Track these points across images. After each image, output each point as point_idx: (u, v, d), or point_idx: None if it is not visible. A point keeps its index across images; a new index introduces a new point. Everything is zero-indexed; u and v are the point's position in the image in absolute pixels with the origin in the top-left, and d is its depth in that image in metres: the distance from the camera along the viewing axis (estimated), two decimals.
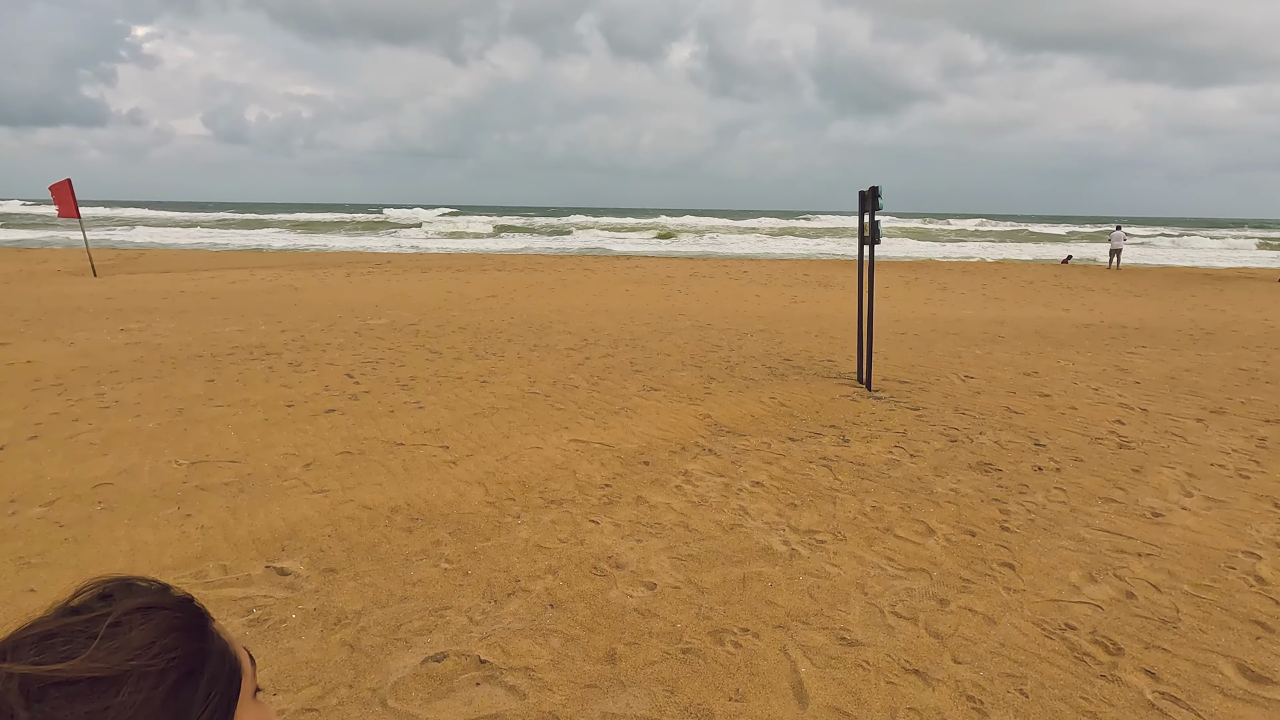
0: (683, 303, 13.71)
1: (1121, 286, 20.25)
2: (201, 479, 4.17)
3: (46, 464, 4.38)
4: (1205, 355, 8.87)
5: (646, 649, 2.63)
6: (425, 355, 8.01)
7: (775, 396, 6.39)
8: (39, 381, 6.47)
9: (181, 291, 15.23)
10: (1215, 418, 5.91)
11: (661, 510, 3.86)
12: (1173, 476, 4.50)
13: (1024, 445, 5.12)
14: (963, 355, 8.59)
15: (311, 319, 10.66)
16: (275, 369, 7.14)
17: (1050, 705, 2.35)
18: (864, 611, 2.90)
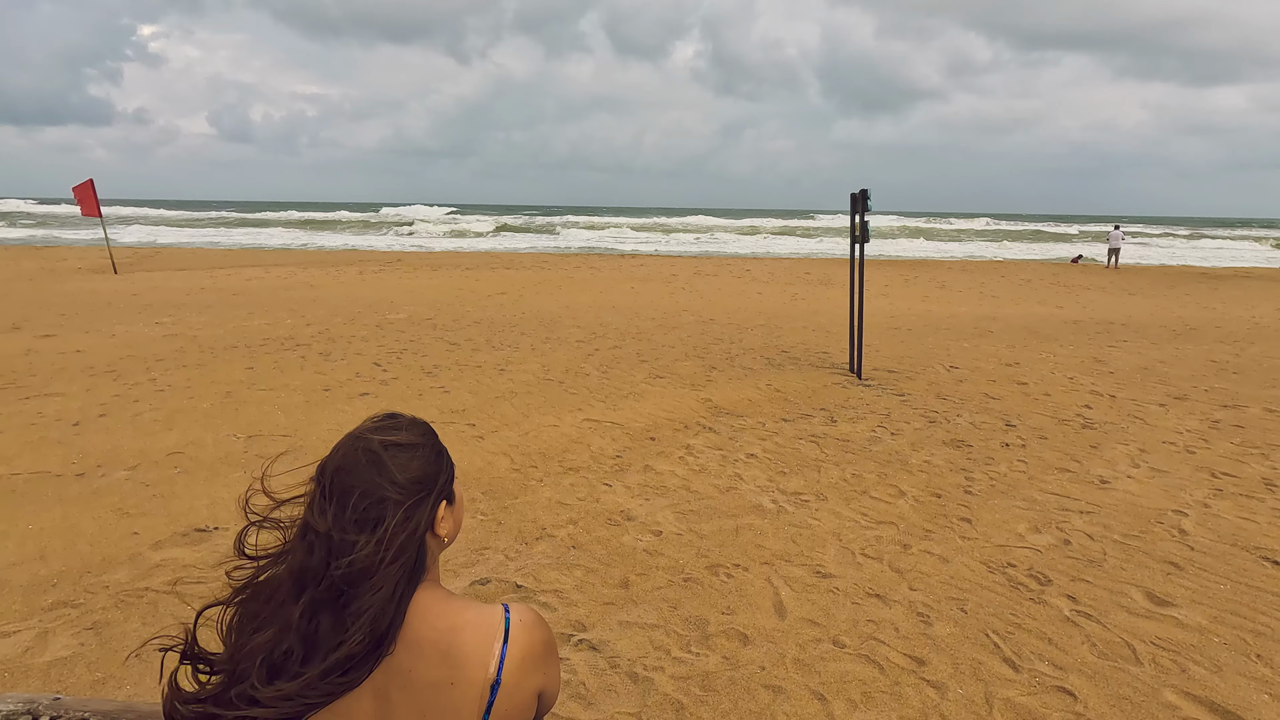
0: (686, 300, 14.23)
1: (1118, 285, 20.67)
2: (259, 449, 4.72)
3: (120, 436, 4.93)
4: (1182, 349, 9.36)
5: (654, 578, 3.16)
6: (445, 346, 8.55)
7: (771, 384, 6.91)
8: (93, 369, 7.03)
9: (202, 288, 15.78)
10: (1177, 403, 6.41)
11: (666, 476, 4.39)
12: (1125, 452, 5.01)
13: (996, 425, 5.63)
14: (950, 348, 9.10)
15: (333, 314, 11.21)
16: (307, 358, 7.69)
17: (984, 619, 2.87)
18: (838, 553, 3.43)
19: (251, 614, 1.00)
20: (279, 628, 0.96)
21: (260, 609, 0.99)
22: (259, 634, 0.97)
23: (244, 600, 1.02)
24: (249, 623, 0.99)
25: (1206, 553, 3.47)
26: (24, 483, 4.09)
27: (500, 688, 1.00)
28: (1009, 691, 2.43)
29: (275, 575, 1.02)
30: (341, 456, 1.03)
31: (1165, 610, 2.96)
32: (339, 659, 0.93)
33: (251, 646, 0.96)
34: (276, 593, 1.00)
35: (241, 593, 1.03)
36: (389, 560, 0.96)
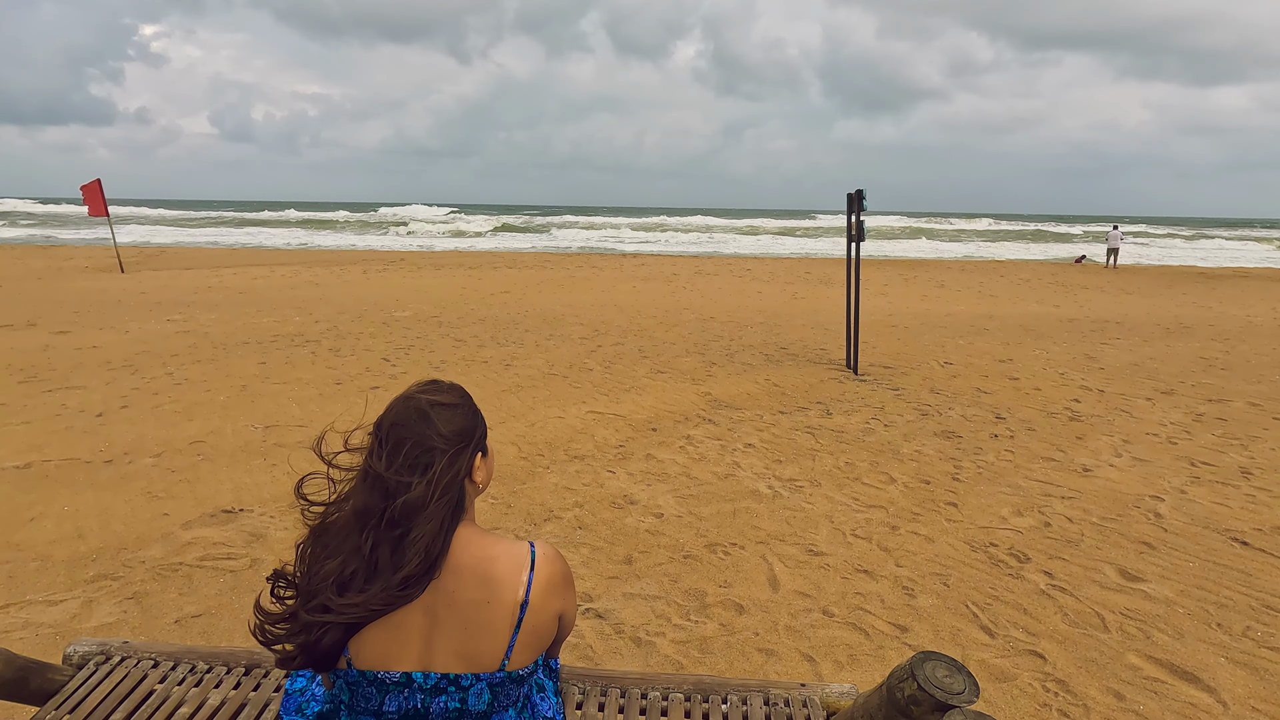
0: (687, 298, 14.43)
1: (1116, 285, 20.83)
2: (277, 439, 4.92)
3: (143, 426, 5.13)
4: (1174, 346, 9.54)
5: (655, 555, 3.36)
6: (451, 343, 8.75)
7: (770, 378, 7.11)
8: (110, 363, 7.24)
9: (209, 287, 15.97)
10: (1164, 397, 6.60)
11: (667, 464, 4.59)
12: (1109, 443, 5.20)
13: (986, 418, 5.82)
14: (946, 345, 9.29)
15: (339, 311, 11.41)
16: (317, 354, 7.89)
17: (965, 592, 3.07)
18: (829, 533, 3.62)
19: (322, 546, 1.20)
20: (346, 554, 1.16)
21: (330, 541, 1.19)
22: (330, 560, 1.16)
23: (316, 537, 1.22)
24: (321, 552, 1.19)
25: (1179, 534, 3.66)
26: (55, 469, 4.29)
27: (528, 607, 1.20)
28: (984, 654, 2.63)
29: (340, 516, 1.22)
30: (395, 414, 1.23)
31: (1135, 585, 3.15)
32: (400, 578, 1.12)
33: (324, 570, 1.16)
34: (342, 529, 1.19)
35: (315, 531, 1.22)
36: (437, 497, 1.16)
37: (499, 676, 1.20)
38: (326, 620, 1.12)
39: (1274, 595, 3.07)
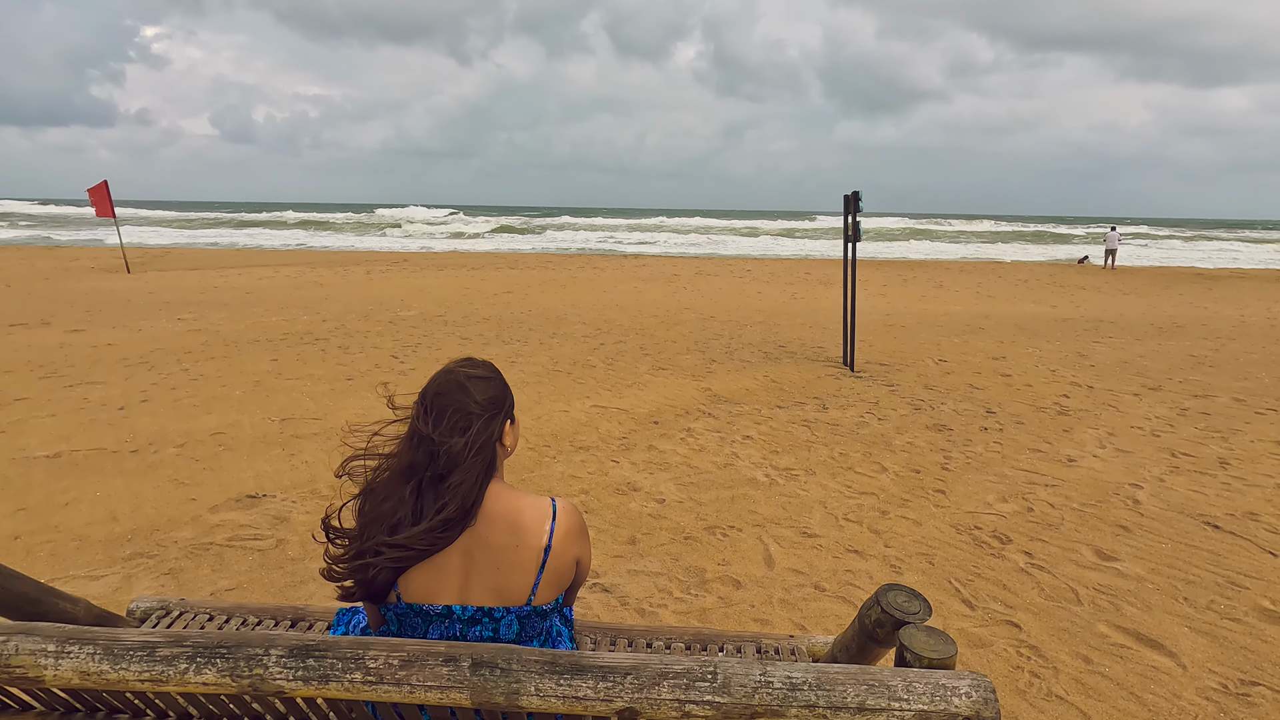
0: (688, 298, 14.63)
1: (1113, 285, 21.02)
2: (294, 431, 5.12)
3: (164, 419, 5.33)
4: (1165, 344, 9.73)
5: (658, 536, 3.55)
6: (457, 341, 8.95)
7: (768, 375, 7.30)
8: (127, 360, 7.44)
9: (215, 287, 16.16)
10: (1150, 393, 6.79)
11: (669, 454, 4.79)
12: (1095, 435, 5.40)
13: (977, 412, 6.02)
14: (941, 344, 9.48)
15: (346, 311, 11.61)
16: (327, 351, 8.09)
17: (948, 570, 3.26)
18: (822, 517, 3.82)
19: (373, 500, 1.39)
20: (395, 502, 1.36)
21: (379, 495, 1.39)
22: (382, 507, 1.36)
23: (366, 494, 1.41)
24: (372, 505, 1.39)
25: (1155, 519, 3.86)
26: (84, 458, 4.49)
27: (550, 551, 1.39)
28: (964, 624, 2.82)
29: (387, 475, 1.42)
30: (438, 385, 1.43)
31: (1109, 563, 3.34)
32: (440, 520, 1.32)
33: (377, 515, 1.36)
34: (389, 484, 1.39)
35: (365, 490, 1.42)
36: (473, 454, 1.36)
37: (526, 610, 1.39)
38: (380, 560, 1.32)
39: (1240, 573, 3.26)
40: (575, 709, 1.01)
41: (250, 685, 1.03)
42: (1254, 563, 3.37)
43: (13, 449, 4.61)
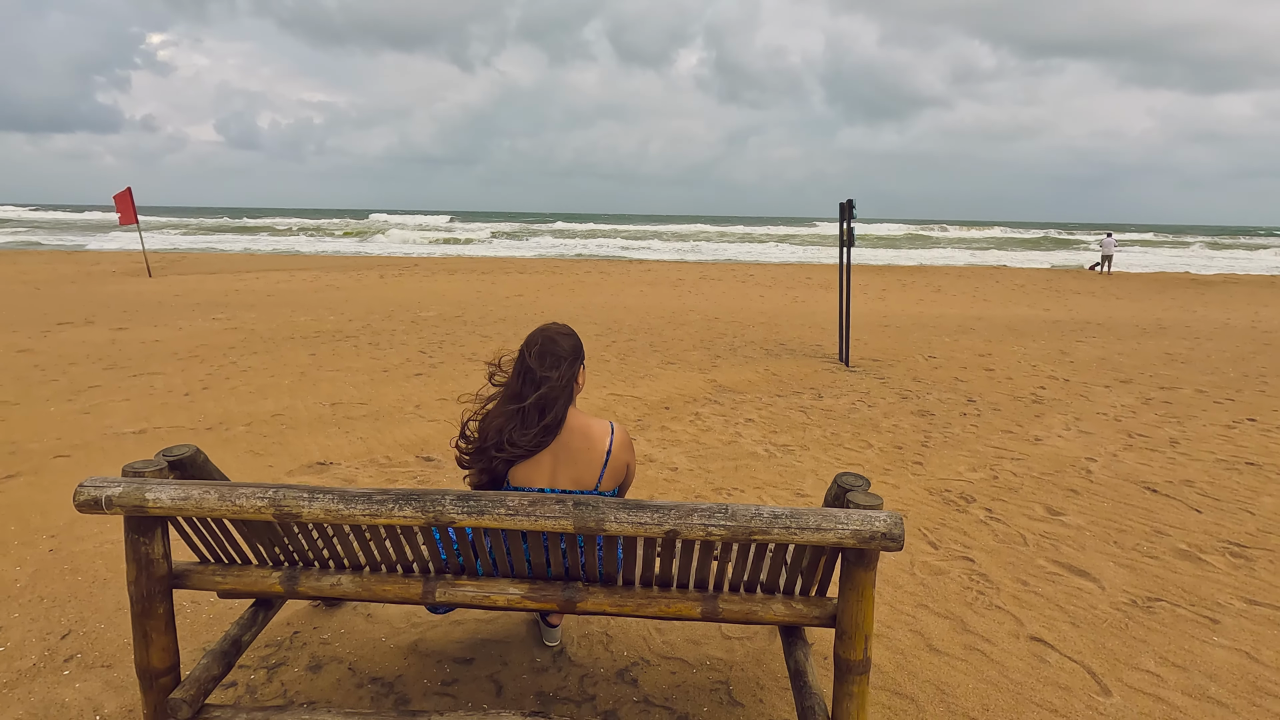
0: (693, 301, 15.24)
1: (1108, 290, 21.56)
2: (345, 413, 5.73)
3: (226, 403, 5.95)
4: (1144, 344, 10.31)
5: (671, 496, 4.15)
6: (478, 338, 9.57)
7: (769, 369, 7.90)
8: (176, 354, 8.07)
9: (237, 290, 16.80)
10: (1121, 385, 7.38)
11: (679, 433, 5.39)
12: (1063, 420, 5.99)
13: (959, 401, 6.61)
14: (932, 342, 10.07)
15: (369, 311, 12.24)
16: (359, 347, 8.72)
17: (919, 521, 3.85)
18: (814, 482, 4.41)
19: (490, 419, 2.00)
20: (506, 419, 1.97)
21: (495, 411, 2.00)
22: (497, 422, 1.97)
23: (484, 418, 2.03)
24: (490, 422, 2.00)
25: (1102, 485, 4.45)
26: (166, 434, 5.10)
27: (610, 455, 2.00)
28: (927, 558, 3.41)
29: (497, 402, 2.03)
30: (539, 338, 2.04)
31: (1056, 517, 3.93)
32: (541, 428, 1.93)
33: (495, 426, 1.97)
34: (502, 406, 2.00)
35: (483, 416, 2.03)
36: (562, 386, 1.97)
37: (593, 493, 2.00)
38: (501, 455, 1.93)
39: (1166, 525, 3.85)
40: (638, 531, 1.62)
41: (434, 517, 1.64)
42: (1180, 518, 3.95)
43: (102, 427, 5.23)
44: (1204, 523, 3.89)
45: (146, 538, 1.81)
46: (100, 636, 2.69)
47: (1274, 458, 5.02)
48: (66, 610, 2.86)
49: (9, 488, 4.07)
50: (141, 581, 1.83)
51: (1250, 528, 3.84)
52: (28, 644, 2.64)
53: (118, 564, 3.21)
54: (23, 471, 4.31)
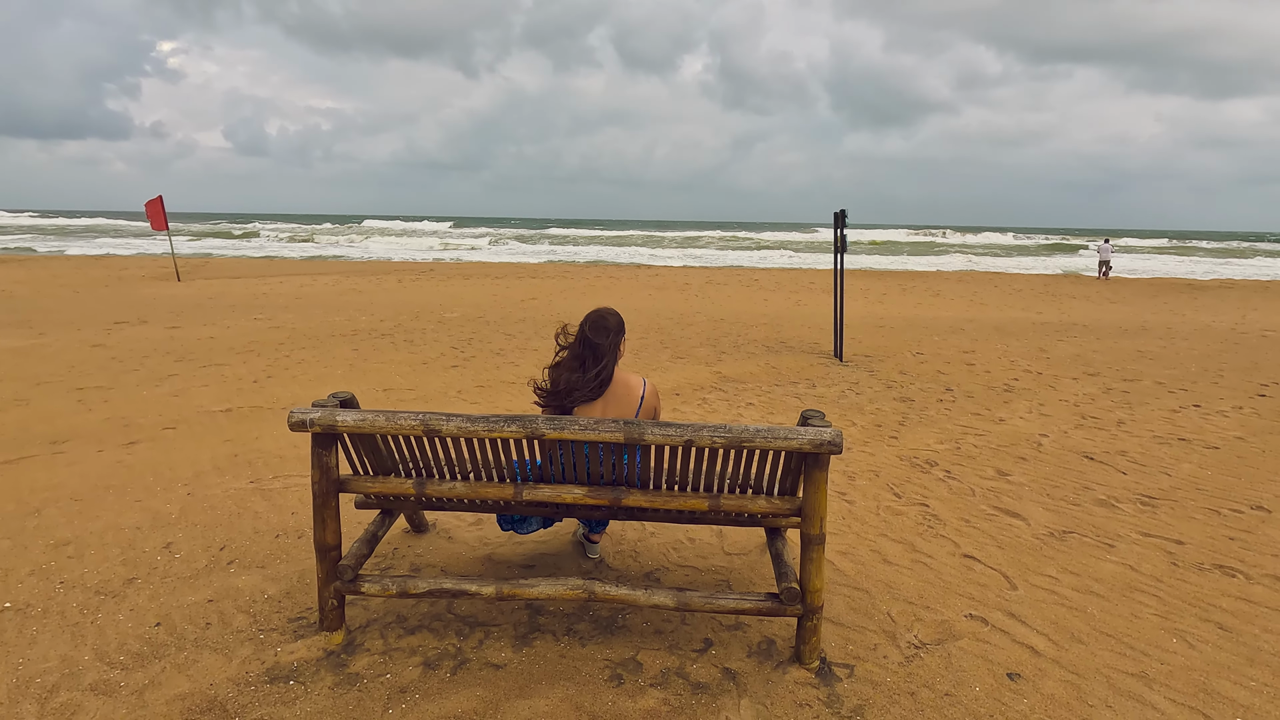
0: (699, 304, 16.06)
1: (1103, 295, 22.25)
2: (397, 397, 6.57)
3: (292, 388, 6.80)
4: (1120, 343, 11.06)
5: None
6: (503, 336, 10.41)
7: (769, 363, 8.71)
8: (233, 349, 8.93)
9: (264, 293, 17.70)
10: (1088, 378, 8.15)
11: (688, 414, 6.20)
12: (1028, 405, 6.77)
13: (938, 390, 7.40)
14: (922, 341, 10.86)
15: (396, 313, 13.11)
16: (396, 344, 9.57)
17: (887, 478, 4.65)
18: None
19: (556, 373, 2.83)
20: (570, 370, 2.80)
21: (564, 366, 2.83)
22: (565, 374, 2.80)
23: (552, 372, 2.85)
24: (557, 375, 2.82)
25: (1048, 454, 5.24)
26: (249, 412, 5.95)
27: (643, 400, 2.83)
28: (890, 504, 4.22)
29: (562, 363, 2.85)
30: (594, 316, 2.87)
31: (1003, 477, 4.73)
32: (596, 379, 2.76)
33: (563, 377, 2.80)
34: (568, 363, 2.83)
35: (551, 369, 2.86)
36: (609, 350, 2.80)
37: None
38: (569, 399, 2.76)
39: (1094, 483, 4.63)
40: (666, 440, 2.43)
41: (530, 432, 2.45)
42: (1107, 478, 4.74)
43: (194, 406, 6.09)
44: (1126, 481, 4.68)
45: (327, 451, 2.64)
46: (248, 549, 3.52)
47: (1204, 435, 5.80)
48: (216, 533, 3.69)
49: (136, 450, 4.92)
50: (322, 482, 2.66)
51: (1164, 485, 4.62)
52: (196, 554, 3.47)
53: (244, 503, 4.05)
54: (142, 440, 5.17)
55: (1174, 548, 3.70)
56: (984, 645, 2.80)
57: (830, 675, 2.60)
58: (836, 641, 2.81)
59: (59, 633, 2.79)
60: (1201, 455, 5.26)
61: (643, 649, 2.75)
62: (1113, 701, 2.48)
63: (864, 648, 2.78)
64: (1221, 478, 4.77)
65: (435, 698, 2.45)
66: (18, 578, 3.20)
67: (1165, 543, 3.76)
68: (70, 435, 5.25)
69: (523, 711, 2.39)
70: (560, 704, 2.43)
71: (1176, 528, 3.95)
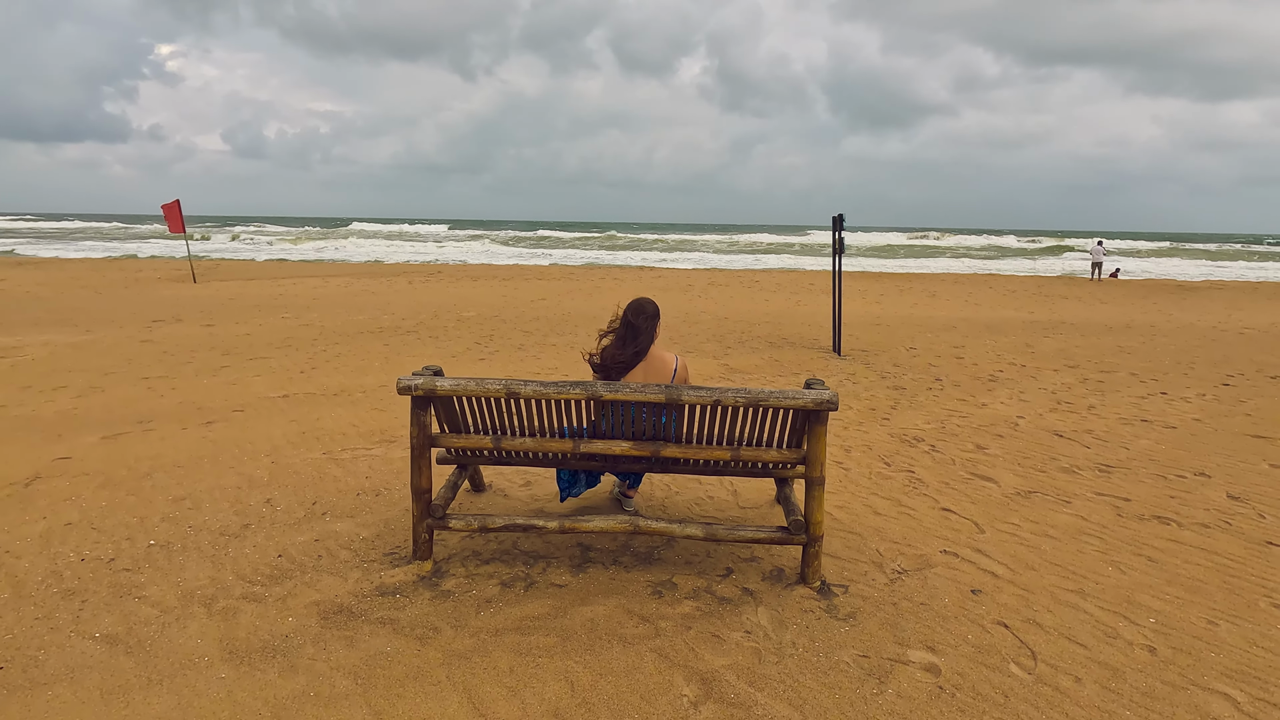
0: (703, 304, 16.71)
1: (1095, 295, 22.88)
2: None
3: (338, 378, 7.44)
4: (1104, 339, 11.71)
5: None
6: (521, 334, 11.06)
7: (772, 356, 9.36)
8: (271, 344, 9.57)
9: (281, 294, 18.31)
10: (1068, 369, 8.80)
11: None
12: (1010, 393, 7.41)
13: (928, 380, 8.04)
14: (916, 338, 11.51)
15: (415, 312, 13.75)
16: (422, 340, 10.21)
17: (880, 451, 5.30)
18: None
19: (604, 347, 3.48)
20: (615, 347, 3.44)
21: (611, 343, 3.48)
22: (609, 350, 3.45)
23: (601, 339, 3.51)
24: (606, 349, 3.47)
25: (1023, 432, 5.88)
26: (305, 398, 6.59)
27: (676, 371, 3.48)
28: (881, 470, 4.86)
29: (610, 339, 3.50)
30: (636, 303, 3.53)
31: (981, 451, 5.37)
32: (635, 352, 3.41)
33: (610, 352, 3.45)
34: (614, 341, 3.48)
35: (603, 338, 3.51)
36: (647, 330, 3.46)
37: None
38: (610, 370, 3.40)
39: (1059, 454, 5.28)
40: (699, 400, 3.07)
41: (591, 395, 3.09)
42: (1072, 451, 5.39)
43: (252, 393, 6.73)
44: (1088, 454, 5.32)
45: (424, 412, 3.28)
46: (336, 504, 4.16)
47: (1165, 417, 6.45)
48: (305, 491, 4.33)
49: (214, 429, 5.56)
50: (419, 437, 3.30)
51: (1121, 456, 5.27)
52: (293, 507, 4.11)
53: (322, 469, 4.68)
54: (217, 420, 5.81)
55: (1121, 504, 4.34)
56: (953, 571, 3.45)
57: (829, 592, 3.24)
58: (834, 570, 3.46)
59: (202, 561, 3.43)
60: (1160, 433, 5.91)
61: (676, 574, 3.40)
62: (1053, 608, 3.12)
63: (856, 574, 3.42)
64: (1173, 451, 5.42)
65: (515, 605, 3.09)
66: (153, 523, 3.84)
67: (1114, 500, 4.41)
68: (152, 416, 5.90)
69: (586, 614, 3.03)
70: (614, 609, 3.07)
71: (1126, 489, 4.60)
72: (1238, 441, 5.70)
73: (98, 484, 4.38)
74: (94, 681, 2.53)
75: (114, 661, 2.65)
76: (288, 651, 2.72)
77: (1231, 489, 4.61)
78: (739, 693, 2.53)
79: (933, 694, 2.54)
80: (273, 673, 2.59)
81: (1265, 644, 2.87)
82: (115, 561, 3.42)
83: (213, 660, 2.66)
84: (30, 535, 3.67)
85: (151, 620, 2.92)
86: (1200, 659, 2.76)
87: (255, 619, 2.94)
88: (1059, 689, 2.57)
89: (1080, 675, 2.65)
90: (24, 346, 9.09)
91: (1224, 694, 2.55)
